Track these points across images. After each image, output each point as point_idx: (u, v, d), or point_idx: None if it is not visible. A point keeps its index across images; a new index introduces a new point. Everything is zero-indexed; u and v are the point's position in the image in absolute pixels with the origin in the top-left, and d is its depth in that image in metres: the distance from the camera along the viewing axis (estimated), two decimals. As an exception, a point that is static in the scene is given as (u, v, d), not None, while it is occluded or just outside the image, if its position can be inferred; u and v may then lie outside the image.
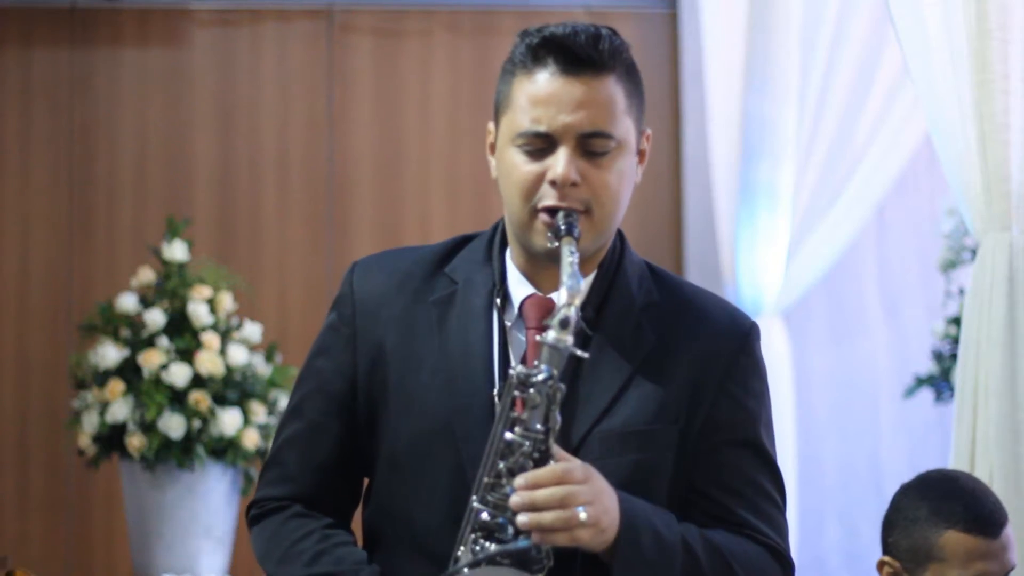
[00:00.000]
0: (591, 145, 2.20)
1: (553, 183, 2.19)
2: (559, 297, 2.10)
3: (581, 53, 2.21)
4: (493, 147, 2.29)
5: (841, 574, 6.03)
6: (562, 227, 2.17)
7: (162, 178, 6.21)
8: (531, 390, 2.09)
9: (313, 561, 2.25)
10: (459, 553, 2.11)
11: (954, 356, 5.17)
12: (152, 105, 6.23)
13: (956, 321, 5.15)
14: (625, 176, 2.24)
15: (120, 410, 4.96)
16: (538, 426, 2.09)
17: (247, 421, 5.01)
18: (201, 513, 4.98)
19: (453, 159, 6.25)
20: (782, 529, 2.30)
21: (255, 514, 2.35)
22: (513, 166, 2.22)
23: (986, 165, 3.26)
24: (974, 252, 3.45)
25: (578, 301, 2.11)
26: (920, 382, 5.39)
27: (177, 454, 4.92)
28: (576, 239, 2.16)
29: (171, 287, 5.12)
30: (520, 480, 2.06)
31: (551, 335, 2.09)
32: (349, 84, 6.27)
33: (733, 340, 2.29)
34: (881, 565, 2.74)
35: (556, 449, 2.11)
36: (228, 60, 6.27)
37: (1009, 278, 3.27)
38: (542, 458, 2.10)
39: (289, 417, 2.36)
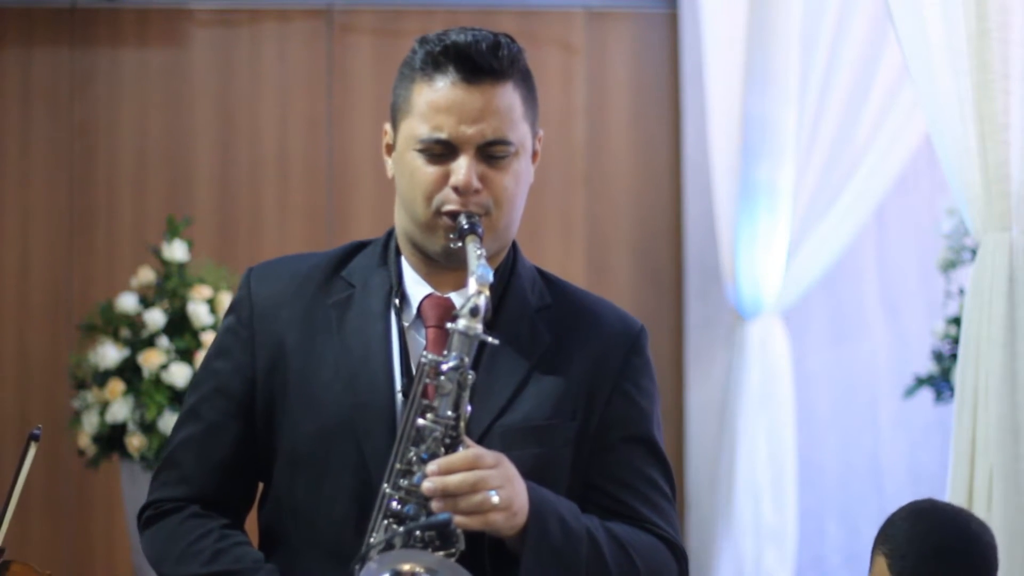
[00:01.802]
0: (491, 151, 2.26)
1: (456, 189, 2.24)
2: (468, 287, 2.16)
3: (482, 62, 2.26)
4: (390, 148, 2.34)
5: (841, 574, 6.03)
6: (465, 226, 2.22)
7: (162, 178, 6.21)
8: (442, 377, 2.14)
9: (212, 560, 2.27)
10: (371, 540, 2.13)
11: (954, 356, 5.17)
12: (152, 105, 6.23)
13: (956, 321, 5.14)
14: (521, 178, 2.30)
15: (120, 410, 4.96)
16: (449, 413, 2.14)
17: (247, 421, 5.01)
18: (201, 513, 4.97)
19: (453, 159, 6.24)
20: (673, 521, 2.37)
21: (149, 515, 2.36)
22: (415, 168, 2.27)
23: (986, 165, 3.26)
24: (974, 252, 3.44)
25: (487, 291, 2.16)
26: (920, 382, 5.39)
27: (177, 454, 4.92)
28: (480, 236, 2.22)
29: (171, 287, 5.13)
30: (432, 466, 2.11)
31: (461, 323, 2.15)
32: (349, 84, 6.27)
33: (625, 341, 2.36)
34: None
35: (466, 438, 2.16)
36: (228, 60, 6.27)
37: (1009, 278, 3.26)
38: (452, 444, 2.15)
39: (185, 418, 2.37)
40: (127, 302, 5.11)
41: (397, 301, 2.31)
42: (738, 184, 5.74)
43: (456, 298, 2.28)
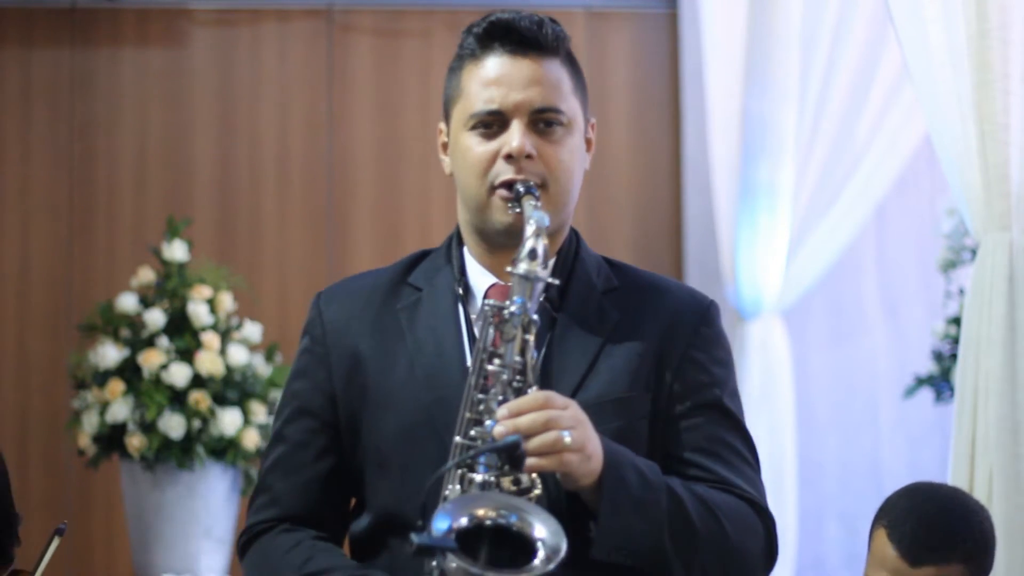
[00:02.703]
0: (543, 119, 2.27)
1: (509, 156, 2.25)
2: (525, 231, 2.16)
3: (527, 34, 2.29)
4: (445, 146, 2.37)
5: (841, 574, 6.03)
6: (520, 188, 2.23)
7: (162, 178, 6.21)
8: (506, 324, 2.13)
9: (303, 565, 2.28)
10: (446, 492, 2.12)
11: (954, 356, 5.17)
12: (152, 105, 6.23)
13: (956, 321, 5.14)
14: (576, 155, 2.31)
15: (120, 410, 4.96)
16: (516, 358, 2.13)
17: (247, 421, 5.01)
18: (201, 513, 4.98)
19: (453, 159, 6.24)
20: (758, 485, 2.33)
21: (245, 541, 2.38)
22: (468, 148, 2.29)
23: (986, 165, 3.26)
24: (974, 252, 3.44)
25: (544, 236, 2.16)
26: (920, 382, 5.39)
27: (177, 454, 4.93)
28: (536, 198, 2.22)
29: (171, 287, 5.12)
30: (502, 410, 2.09)
31: (521, 267, 2.14)
32: (349, 84, 6.27)
33: (694, 312, 2.36)
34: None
35: (533, 382, 2.15)
36: (228, 60, 6.27)
37: (1009, 278, 3.26)
38: (521, 390, 2.14)
39: (273, 443, 2.40)
40: (127, 302, 5.10)
41: (461, 290, 2.32)
42: (738, 184, 5.74)
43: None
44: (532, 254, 2.14)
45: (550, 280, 2.17)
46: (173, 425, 4.92)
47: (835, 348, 6.19)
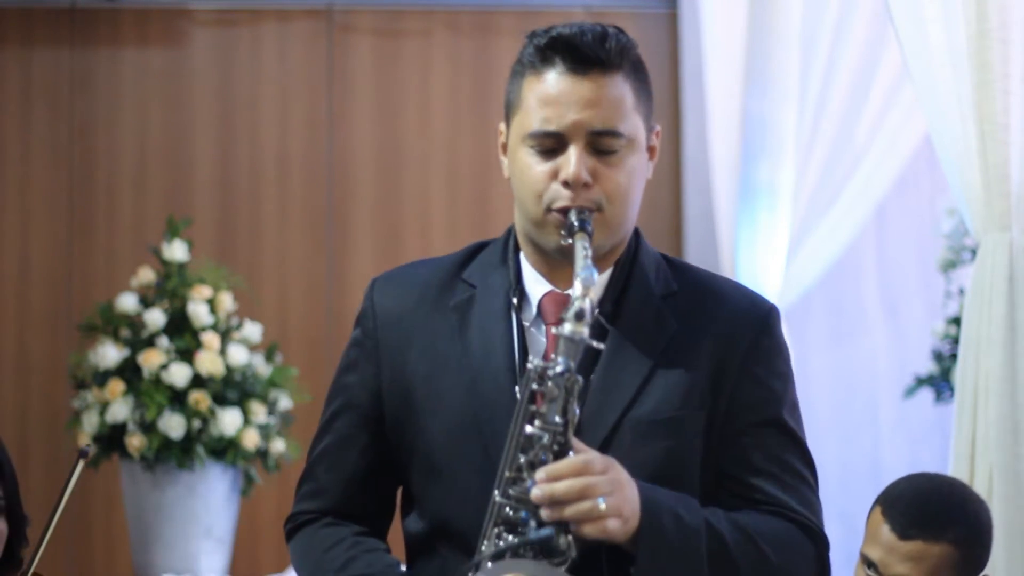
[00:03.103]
0: (601, 143, 2.23)
1: (566, 183, 2.21)
2: (574, 290, 2.12)
3: (589, 52, 2.23)
4: (505, 147, 2.32)
5: (841, 574, 6.02)
6: (575, 224, 2.19)
7: (162, 178, 6.21)
8: (549, 383, 2.11)
9: (344, 567, 2.28)
10: (483, 548, 2.12)
11: (954, 356, 5.17)
12: (152, 105, 6.23)
13: (956, 321, 5.14)
14: (635, 174, 2.28)
15: (120, 410, 4.96)
16: (557, 419, 2.11)
17: (247, 421, 5.01)
18: (201, 513, 4.98)
19: (453, 159, 6.25)
20: (814, 506, 2.30)
21: (290, 528, 2.40)
22: (526, 166, 2.25)
23: (986, 165, 3.26)
24: (974, 252, 3.44)
25: (593, 293, 2.13)
26: (920, 382, 5.39)
27: (177, 454, 4.92)
28: (589, 235, 2.18)
29: (171, 287, 5.12)
30: (540, 473, 2.07)
31: (567, 327, 2.11)
32: (349, 84, 6.27)
33: (754, 322, 2.30)
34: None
35: (575, 442, 2.13)
36: (228, 60, 6.27)
37: (1009, 278, 3.27)
38: (561, 451, 2.11)
39: (320, 433, 2.39)
40: (127, 302, 5.10)
41: (515, 300, 2.30)
42: (738, 184, 5.74)
43: (573, 293, 2.22)
44: (579, 315, 2.11)
45: (595, 345, 2.13)
46: (173, 425, 4.92)
47: (835, 348, 6.18)
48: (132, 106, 6.22)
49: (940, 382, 5.31)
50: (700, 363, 2.25)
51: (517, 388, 2.21)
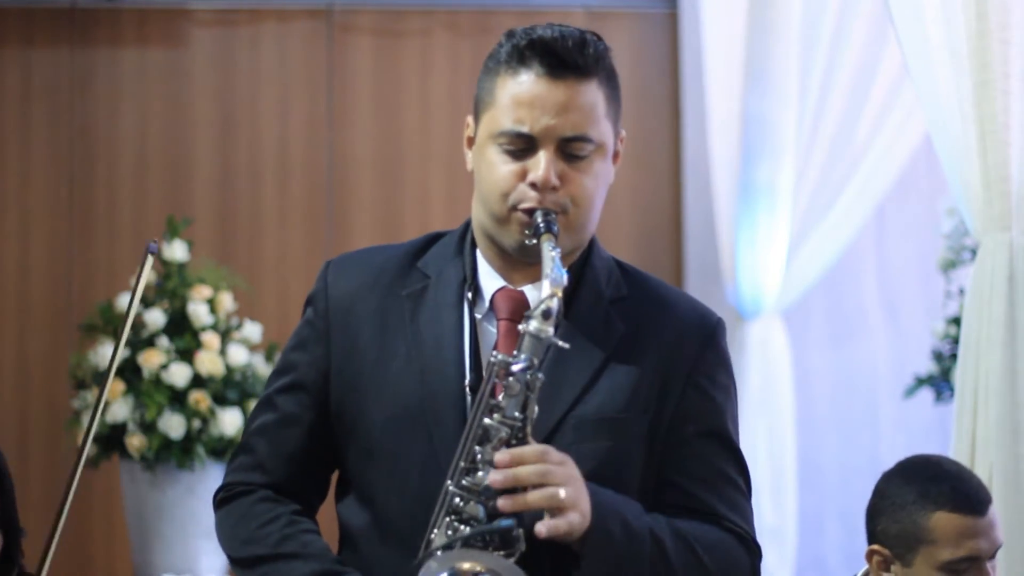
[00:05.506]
0: (571, 148, 2.24)
1: (533, 185, 2.23)
2: (542, 289, 2.14)
3: (567, 57, 2.24)
4: (471, 141, 2.35)
5: (841, 574, 6.03)
6: (541, 225, 2.21)
7: (162, 178, 6.21)
8: (511, 378, 2.12)
9: (278, 544, 2.28)
10: (432, 536, 2.13)
11: (954, 356, 5.17)
12: (152, 105, 6.23)
13: (956, 321, 5.14)
14: (601, 178, 2.28)
15: (120, 410, 4.96)
16: (516, 413, 2.13)
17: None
18: (201, 513, 4.98)
19: (453, 159, 6.25)
20: (748, 516, 2.34)
21: (223, 497, 2.38)
22: (492, 164, 2.27)
23: (986, 165, 3.26)
24: (974, 252, 3.45)
25: (560, 293, 2.14)
26: (920, 382, 5.39)
27: (177, 454, 4.93)
28: (555, 235, 2.20)
29: (171, 287, 5.13)
30: (502, 456, 2.09)
31: (533, 324, 2.13)
32: (349, 84, 6.27)
33: (700, 334, 2.33)
34: (871, 555, 2.76)
35: (531, 440, 2.14)
36: (228, 60, 6.27)
37: (1009, 278, 3.27)
38: (518, 445, 2.13)
39: (262, 407, 2.39)
40: (127, 302, 5.10)
41: (470, 294, 2.31)
42: (738, 184, 5.74)
43: (529, 292, 2.27)
44: (546, 314, 2.12)
45: (560, 344, 2.14)
46: (173, 425, 4.92)
47: (835, 348, 6.19)
48: (132, 106, 6.22)
49: (940, 382, 5.31)
50: (646, 368, 2.28)
51: (467, 382, 2.24)
